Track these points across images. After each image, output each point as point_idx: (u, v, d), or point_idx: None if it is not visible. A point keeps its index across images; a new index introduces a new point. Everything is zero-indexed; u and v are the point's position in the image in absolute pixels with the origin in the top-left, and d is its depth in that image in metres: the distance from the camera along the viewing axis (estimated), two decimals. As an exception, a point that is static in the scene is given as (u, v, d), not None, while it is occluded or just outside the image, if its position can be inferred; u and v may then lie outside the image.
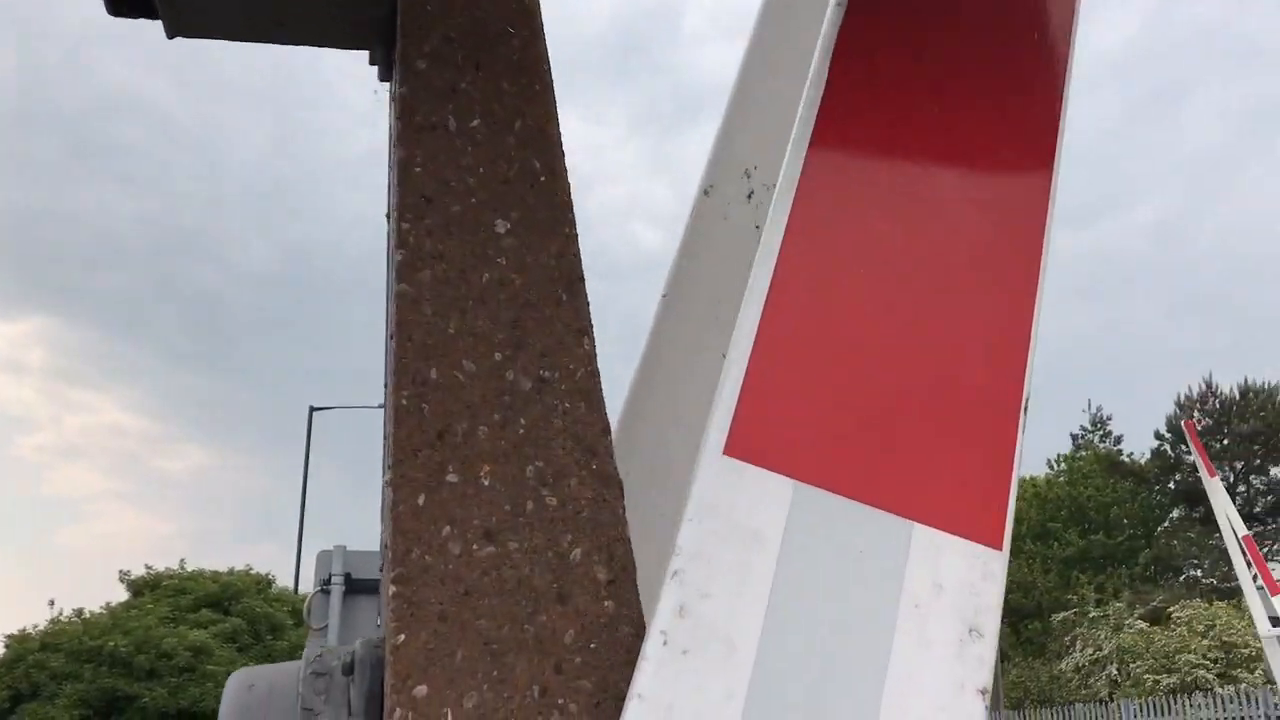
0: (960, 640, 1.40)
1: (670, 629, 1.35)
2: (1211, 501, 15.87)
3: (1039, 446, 37.10)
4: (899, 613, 1.40)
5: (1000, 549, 1.48)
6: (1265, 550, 36.16)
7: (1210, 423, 36.67)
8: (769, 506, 1.44)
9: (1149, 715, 19.49)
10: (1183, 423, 31.81)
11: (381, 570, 1.53)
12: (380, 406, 1.71)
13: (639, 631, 1.43)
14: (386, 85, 1.81)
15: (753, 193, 1.89)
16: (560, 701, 1.37)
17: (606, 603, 1.44)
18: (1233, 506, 15.23)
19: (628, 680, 1.34)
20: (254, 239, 76.59)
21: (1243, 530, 14.24)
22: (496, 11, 1.73)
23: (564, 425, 1.52)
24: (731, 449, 1.47)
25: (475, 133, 1.64)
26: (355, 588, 4.56)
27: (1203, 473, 15.93)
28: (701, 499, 1.43)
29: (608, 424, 1.57)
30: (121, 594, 25.10)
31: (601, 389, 1.57)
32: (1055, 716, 22.08)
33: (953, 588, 1.44)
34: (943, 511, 1.49)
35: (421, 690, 1.33)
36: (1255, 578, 13.58)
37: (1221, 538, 14.66)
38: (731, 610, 1.37)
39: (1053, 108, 1.78)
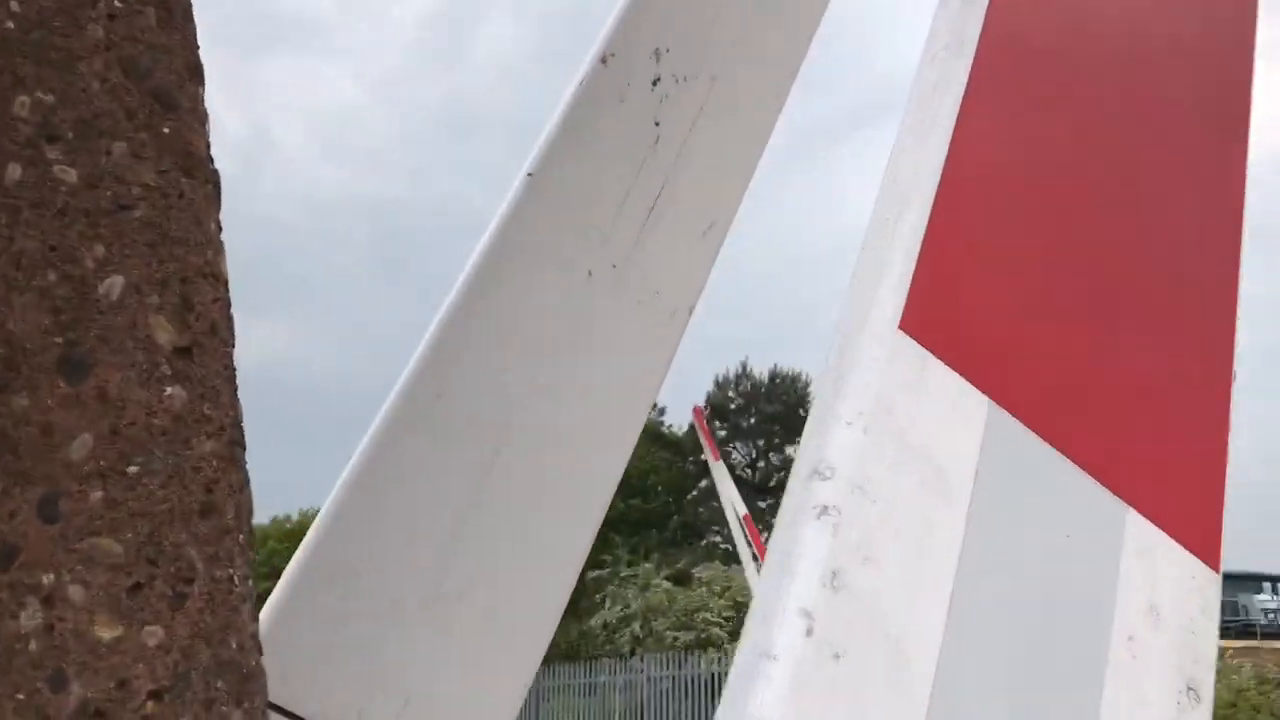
0: (1178, 702, 1.07)
1: (818, 610, 0.86)
2: (716, 484, 17.30)
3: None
4: (1111, 646, 1.05)
5: (1217, 571, 1.16)
6: (770, 522, 40.06)
7: (742, 403, 40.26)
8: (958, 430, 1.02)
9: (664, 668, 20.83)
10: (692, 409, 34.52)
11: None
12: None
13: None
14: None
15: (659, 80, 1.43)
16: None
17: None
18: (734, 489, 16.66)
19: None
20: None
21: (742, 510, 15.64)
22: None
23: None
24: (909, 325, 1.04)
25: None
26: None
27: (708, 456, 17.35)
28: (869, 388, 0.98)
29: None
30: None
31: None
32: (581, 670, 23.07)
33: (1171, 617, 1.10)
34: (1158, 501, 1.14)
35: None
36: (753, 555, 14.98)
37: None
38: (907, 595, 0.92)
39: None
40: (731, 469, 40.67)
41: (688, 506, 38.82)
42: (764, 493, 41.12)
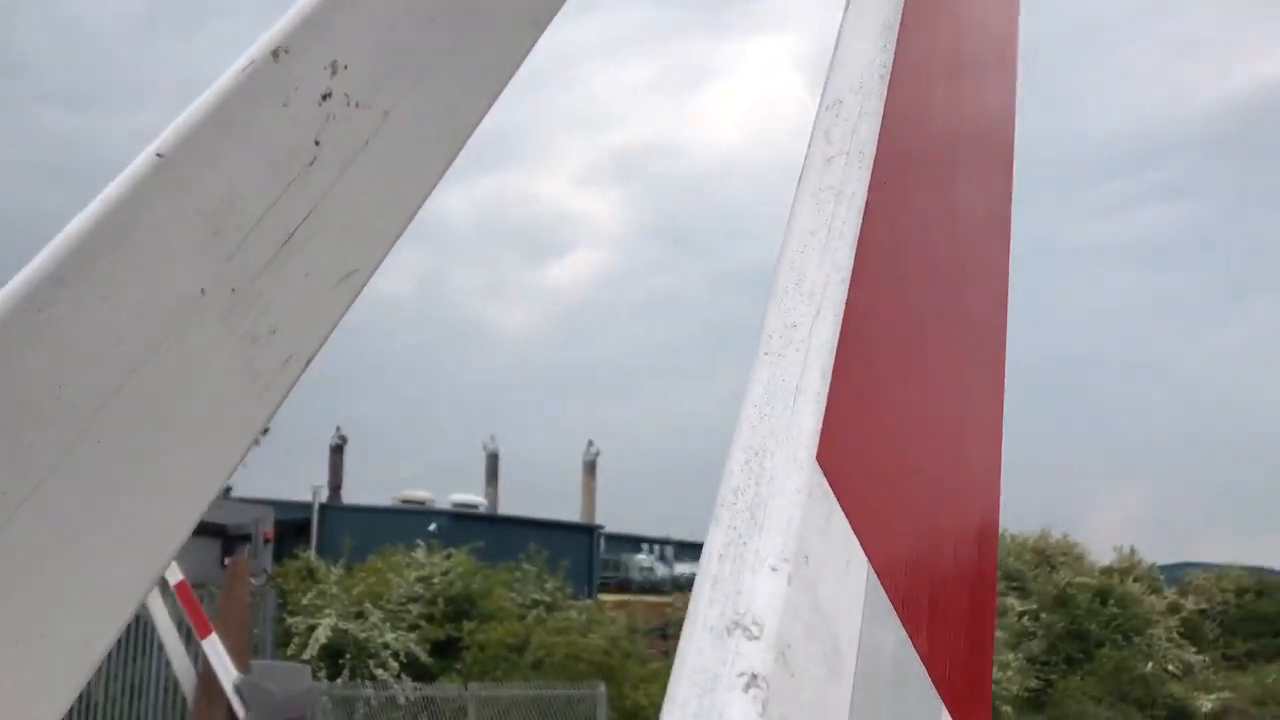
0: None
1: None
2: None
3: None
4: None
5: None
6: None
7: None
8: (848, 602, 0.92)
9: None
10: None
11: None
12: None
13: None
14: None
15: (330, 95, 1.19)
16: None
17: None
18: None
19: None
20: None
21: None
22: None
23: None
24: (824, 457, 0.90)
25: None
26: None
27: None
28: (790, 526, 0.83)
29: None
30: None
31: None
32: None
33: None
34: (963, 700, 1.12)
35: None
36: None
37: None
38: None
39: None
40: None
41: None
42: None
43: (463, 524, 36.60)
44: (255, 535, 14.94)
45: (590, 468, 56.29)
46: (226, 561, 15.45)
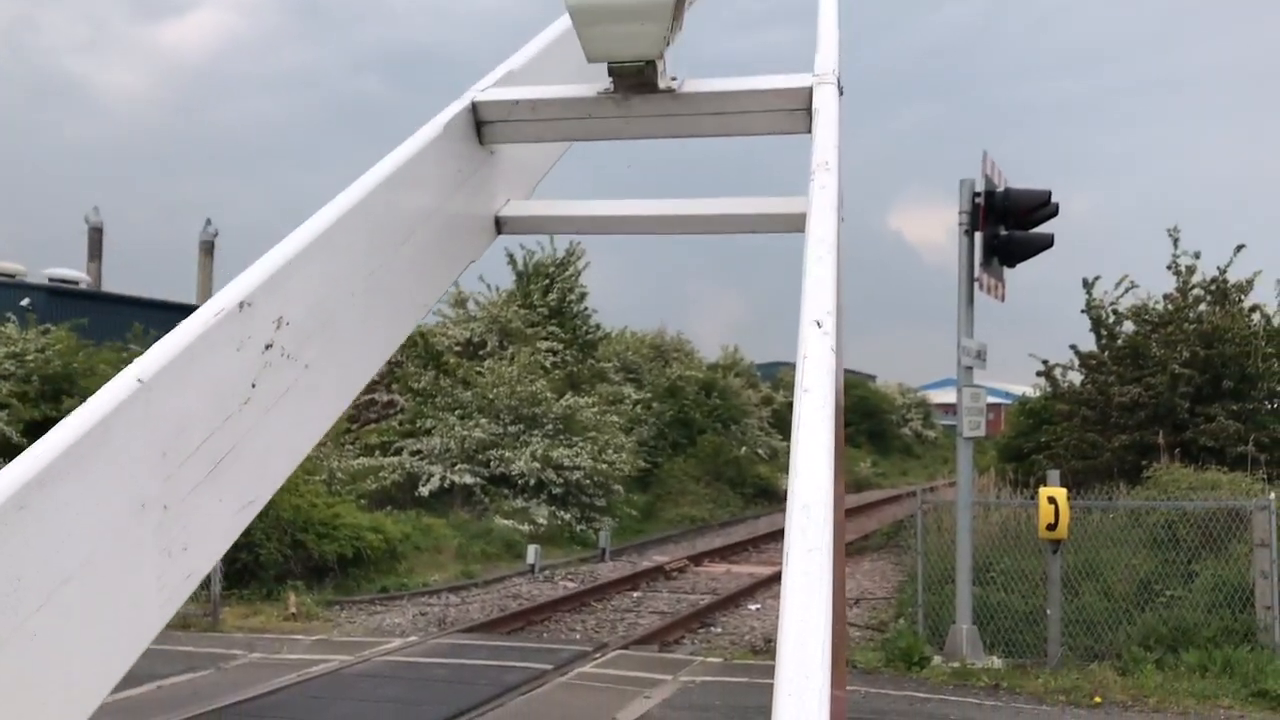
0: None
1: None
2: None
3: None
4: None
5: None
6: None
7: None
8: None
9: None
10: None
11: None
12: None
13: None
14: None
15: (271, 346, 1.33)
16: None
17: None
18: None
19: None
20: None
21: None
22: None
23: None
24: None
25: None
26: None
27: None
28: None
29: None
30: None
31: None
32: None
33: None
34: None
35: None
36: None
37: None
38: None
39: None
40: None
41: None
42: None
43: (61, 300, 33.50)
44: None
45: (208, 248, 52.79)
46: None
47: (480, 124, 1.64)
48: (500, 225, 1.76)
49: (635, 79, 1.49)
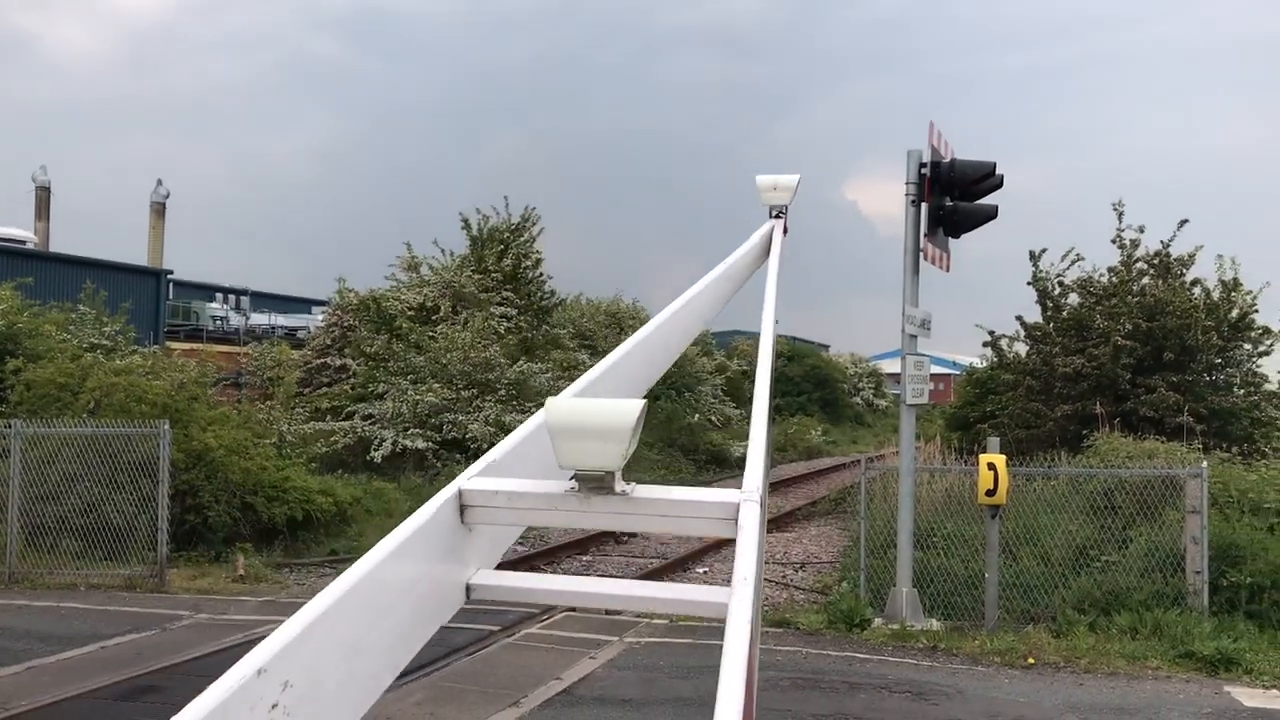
0: None
1: None
2: None
3: None
4: None
5: None
6: None
7: None
8: None
9: None
10: None
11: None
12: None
13: None
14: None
15: (276, 705, 1.45)
16: None
17: None
18: None
19: None
20: None
21: None
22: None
23: None
24: None
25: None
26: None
27: None
28: None
29: None
30: None
31: None
32: None
33: None
34: None
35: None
36: None
37: None
38: None
39: None
40: None
41: None
42: None
43: (6, 260, 32.93)
44: None
45: (160, 209, 51.95)
46: None
47: (463, 507, 1.87)
48: (470, 592, 1.92)
49: (597, 484, 1.79)
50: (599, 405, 1.70)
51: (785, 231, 3.97)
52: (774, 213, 4.09)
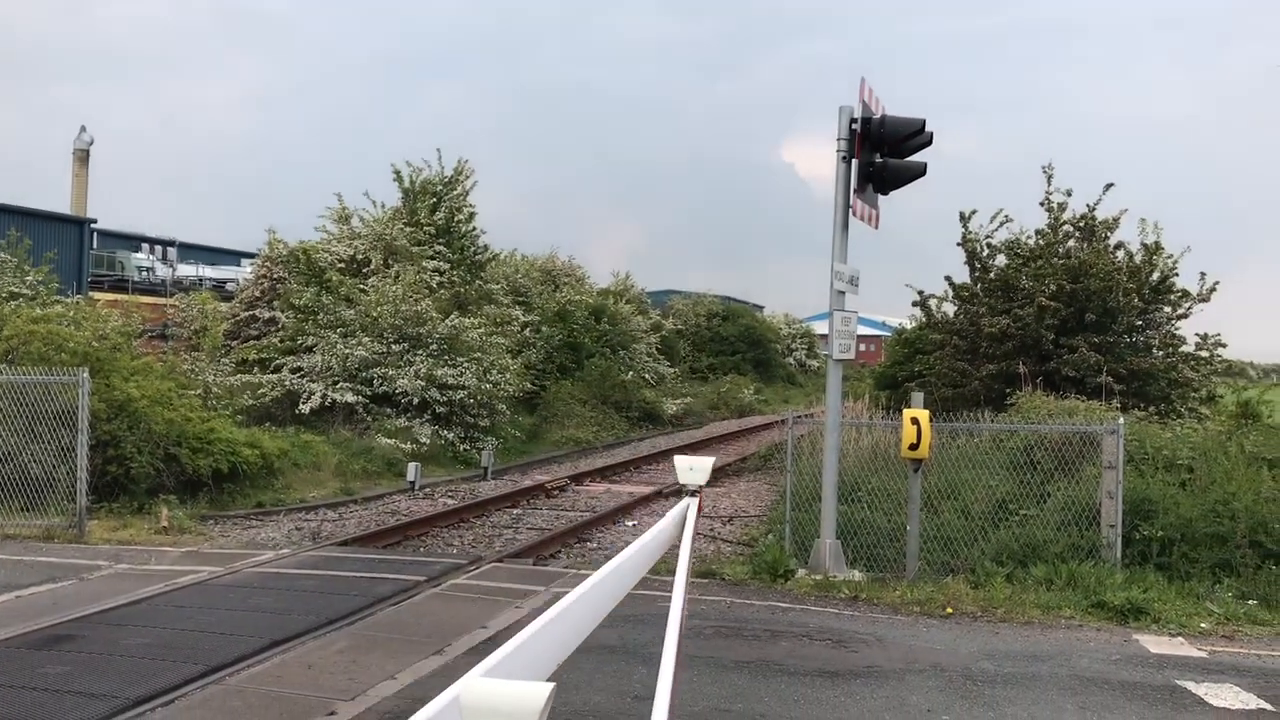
0: None
1: None
2: None
3: None
4: None
5: None
6: None
7: None
8: None
9: None
10: None
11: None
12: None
13: None
14: None
15: None
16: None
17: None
18: None
19: None
20: None
21: None
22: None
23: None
24: None
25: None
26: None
27: None
28: None
29: None
30: None
31: None
32: None
33: None
34: None
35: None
36: None
37: None
38: None
39: None
40: None
41: None
42: None
43: (-83, 204, 31.69)
44: None
45: (83, 157, 50.41)
46: None
47: None
48: None
49: None
50: (509, 689, 1.78)
51: (700, 510, 4.58)
52: (689, 491, 4.58)
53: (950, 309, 20.31)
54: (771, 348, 58.92)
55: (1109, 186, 18.87)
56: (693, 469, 4.62)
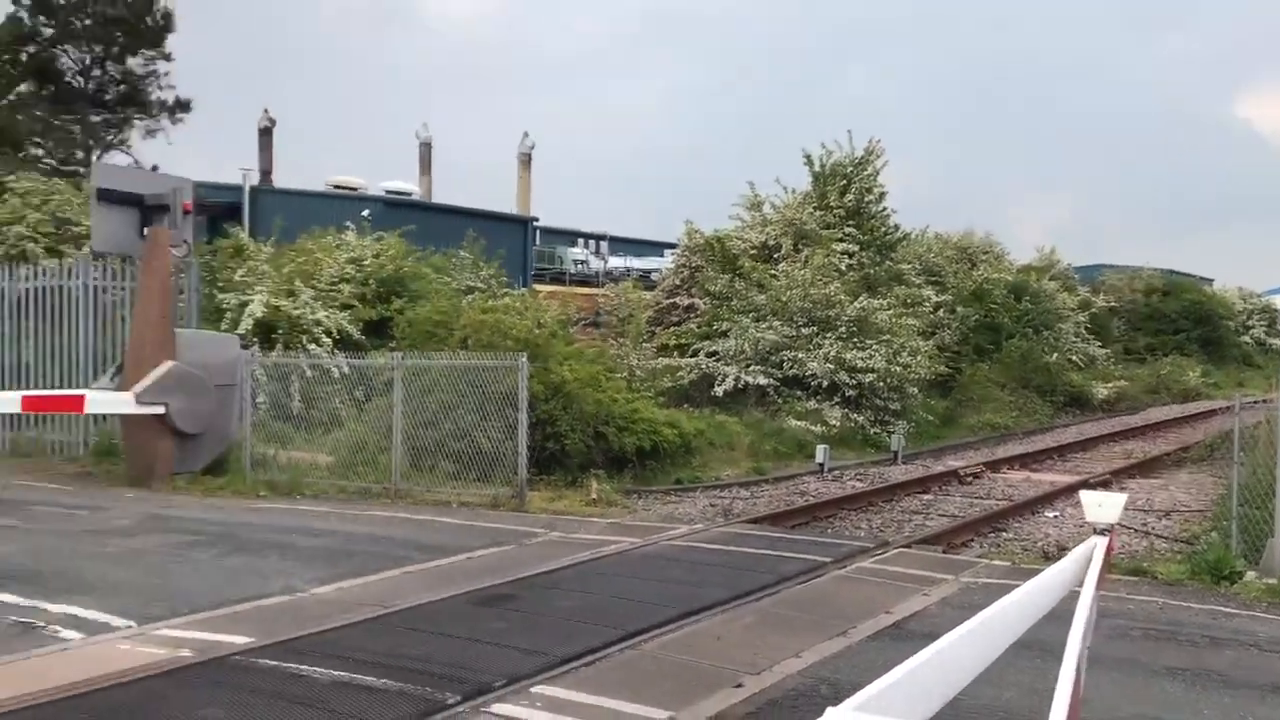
0: None
1: None
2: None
3: None
4: None
5: None
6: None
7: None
8: None
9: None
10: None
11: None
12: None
13: None
14: None
15: None
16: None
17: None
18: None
19: None
20: None
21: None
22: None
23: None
24: None
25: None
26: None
27: None
28: None
29: None
30: None
31: None
32: None
33: None
34: None
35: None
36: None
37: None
38: None
39: None
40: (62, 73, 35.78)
41: (1, 112, 33.77)
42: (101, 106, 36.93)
43: (395, 211, 36.46)
44: (174, 205, 14.66)
45: (526, 160, 55.58)
46: (146, 232, 15.33)
47: None
48: None
49: None
50: None
51: (1110, 551, 4.26)
52: (1098, 530, 4.37)
53: None
54: (1222, 325, 52.98)
55: None
56: (1101, 505, 4.39)
